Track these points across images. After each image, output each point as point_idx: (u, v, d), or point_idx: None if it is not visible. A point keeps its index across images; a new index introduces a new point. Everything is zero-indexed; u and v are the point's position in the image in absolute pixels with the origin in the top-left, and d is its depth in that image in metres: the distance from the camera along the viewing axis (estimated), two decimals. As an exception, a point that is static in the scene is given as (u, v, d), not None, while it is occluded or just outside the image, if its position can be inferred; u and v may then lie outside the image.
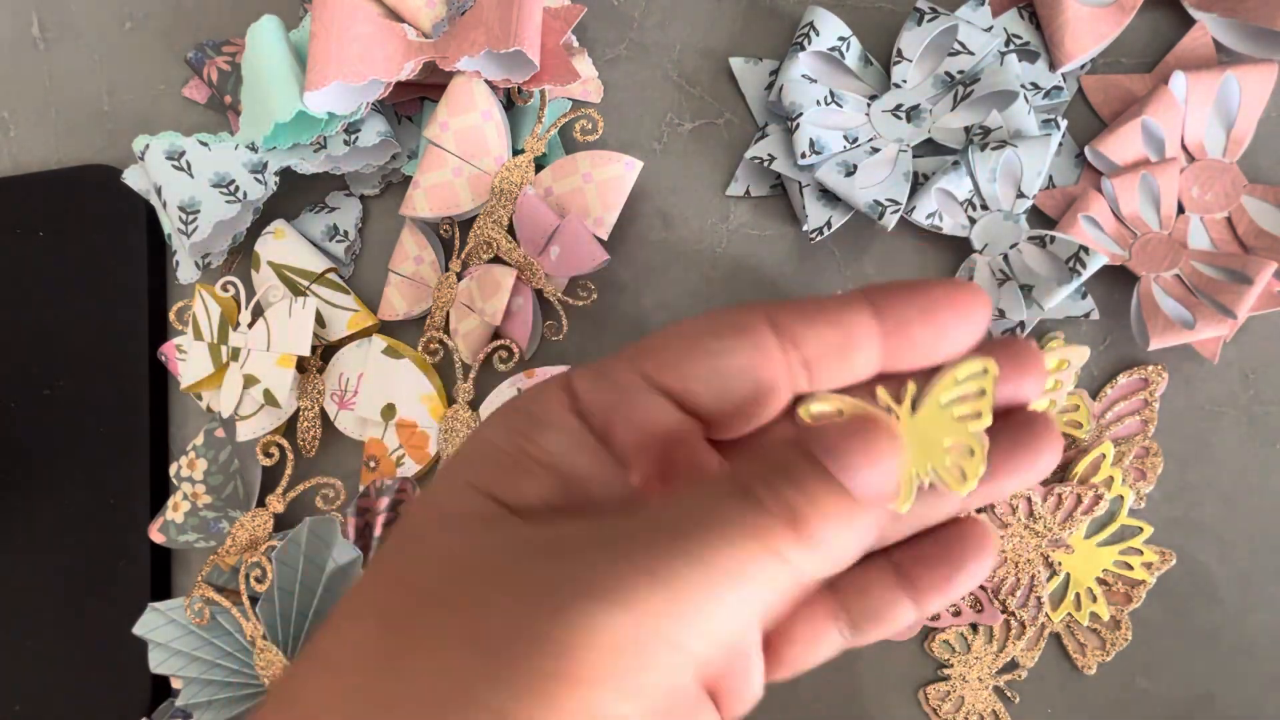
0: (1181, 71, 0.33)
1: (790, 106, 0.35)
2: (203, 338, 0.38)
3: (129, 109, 0.43)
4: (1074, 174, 0.35)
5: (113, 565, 0.40)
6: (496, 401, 0.37)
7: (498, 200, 0.37)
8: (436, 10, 0.36)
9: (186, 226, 0.37)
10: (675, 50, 0.39)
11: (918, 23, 0.35)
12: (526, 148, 0.38)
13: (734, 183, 0.38)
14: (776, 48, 0.38)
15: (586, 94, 0.39)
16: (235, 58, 0.41)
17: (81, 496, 0.40)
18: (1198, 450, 0.35)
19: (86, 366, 0.41)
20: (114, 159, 0.43)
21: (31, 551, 0.41)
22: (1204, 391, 0.35)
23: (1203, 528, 0.34)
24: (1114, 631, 0.34)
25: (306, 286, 0.39)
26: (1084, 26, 0.34)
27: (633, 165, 0.36)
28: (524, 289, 0.37)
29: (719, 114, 0.39)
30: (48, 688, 0.40)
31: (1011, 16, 0.36)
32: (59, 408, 0.41)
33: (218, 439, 0.38)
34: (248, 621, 0.36)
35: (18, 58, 0.45)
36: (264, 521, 0.38)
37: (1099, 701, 0.35)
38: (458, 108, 0.36)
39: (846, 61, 0.36)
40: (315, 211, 0.40)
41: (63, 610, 0.40)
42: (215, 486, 0.38)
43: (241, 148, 0.38)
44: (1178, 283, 0.33)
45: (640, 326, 0.38)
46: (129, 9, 0.44)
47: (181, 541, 0.38)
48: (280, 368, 0.37)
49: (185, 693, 0.37)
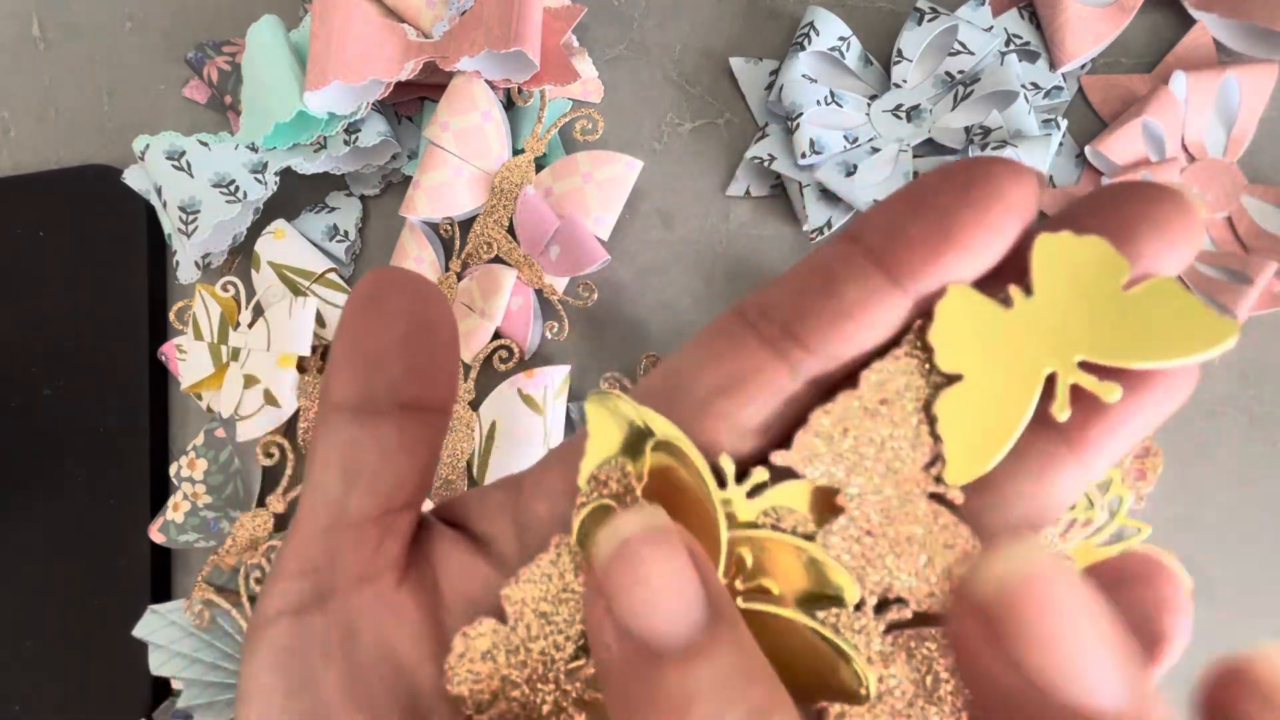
0: (1182, 71, 0.33)
1: (790, 106, 0.35)
2: (203, 338, 0.38)
3: (129, 109, 0.43)
4: (1074, 174, 0.35)
5: (113, 565, 0.40)
6: (497, 401, 0.37)
7: (498, 200, 0.37)
8: (436, 10, 0.36)
9: (186, 226, 0.37)
10: (675, 50, 0.39)
11: (918, 23, 0.35)
12: (526, 148, 0.37)
13: (734, 183, 0.38)
14: (776, 48, 0.38)
15: (586, 94, 0.39)
16: (235, 58, 0.41)
17: (81, 496, 0.40)
18: (1198, 450, 0.35)
19: (86, 366, 0.41)
20: (114, 159, 0.43)
21: (31, 551, 0.41)
22: (1204, 391, 0.35)
23: (1203, 528, 0.34)
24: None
25: (306, 286, 0.39)
26: (1084, 26, 0.34)
27: (633, 165, 0.36)
28: (524, 289, 0.37)
29: (719, 114, 0.39)
30: (48, 688, 0.40)
31: (1012, 16, 0.36)
32: (59, 408, 0.41)
33: (218, 439, 0.38)
34: (248, 623, 0.36)
35: (18, 58, 0.45)
36: (264, 521, 0.38)
37: (1099, 701, 0.35)
38: (458, 108, 0.36)
39: (846, 61, 0.36)
40: (315, 211, 0.40)
41: (63, 610, 0.40)
42: (215, 486, 0.38)
43: (241, 148, 0.38)
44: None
45: (640, 326, 0.38)
46: (129, 9, 0.44)
47: (181, 541, 0.38)
48: (280, 368, 0.37)
49: (186, 694, 0.37)
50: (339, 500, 0.17)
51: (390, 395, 0.17)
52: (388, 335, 0.17)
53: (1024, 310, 0.15)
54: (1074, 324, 0.14)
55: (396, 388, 0.17)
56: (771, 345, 0.16)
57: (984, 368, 0.15)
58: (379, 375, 0.17)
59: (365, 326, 0.17)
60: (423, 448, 0.18)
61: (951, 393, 0.15)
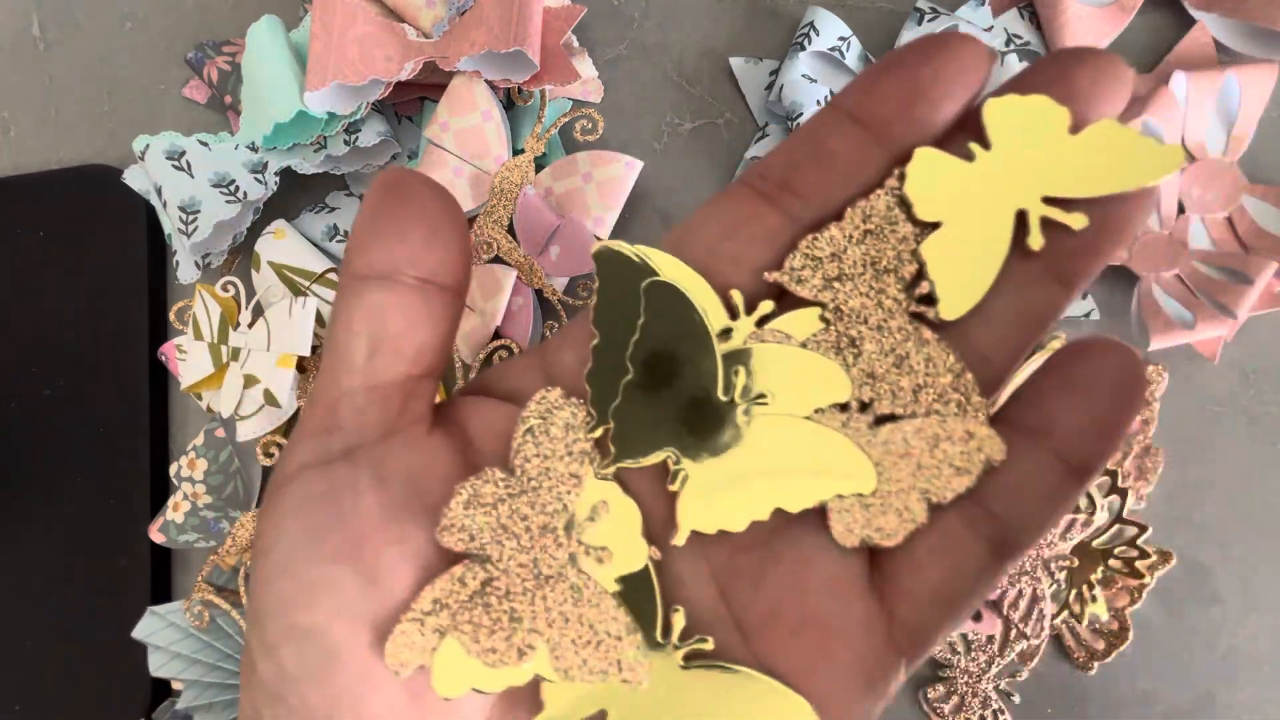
0: (1182, 71, 0.33)
1: (790, 106, 0.35)
2: (203, 338, 0.38)
3: (129, 109, 0.43)
4: (1074, 174, 0.35)
5: (113, 565, 0.40)
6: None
7: (498, 200, 0.37)
8: (436, 10, 0.36)
9: (186, 226, 0.37)
10: (675, 50, 0.39)
11: (918, 23, 0.35)
12: (526, 148, 0.37)
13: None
14: (776, 48, 0.38)
15: (586, 94, 0.39)
16: (235, 58, 0.41)
17: (81, 496, 0.40)
18: (1198, 450, 0.35)
19: (86, 366, 0.41)
20: (114, 159, 0.43)
21: (31, 551, 0.41)
22: (1204, 391, 0.35)
23: (1203, 528, 0.34)
24: (1114, 631, 0.35)
25: (307, 286, 0.39)
26: (1084, 26, 0.34)
27: (633, 165, 0.36)
28: (524, 289, 0.37)
29: (719, 114, 0.39)
30: (48, 688, 0.40)
31: (1011, 16, 0.36)
32: (59, 408, 0.41)
33: (218, 439, 0.38)
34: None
35: (18, 58, 0.45)
36: (264, 521, 0.38)
37: (1099, 701, 0.35)
38: (458, 108, 0.36)
39: (847, 61, 0.36)
40: (315, 211, 0.40)
41: (63, 610, 0.40)
42: (215, 486, 0.38)
43: (241, 148, 0.38)
44: (1178, 283, 0.33)
45: (640, 326, 0.38)
46: (129, 9, 0.44)
47: (181, 541, 0.38)
48: (280, 368, 0.37)
49: (186, 695, 0.37)
50: (363, 363, 0.18)
51: (412, 265, 0.18)
52: (409, 212, 0.18)
53: (986, 161, 0.17)
54: (1034, 167, 0.16)
55: (418, 259, 0.18)
56: (768, 198, 0.18)
57: (959, 214, 0.17)
58: (402, 246, 0.18)
59: (387, 204, 0.18)
60: (442, 321, 0.18)
61: (934, 239, 0.17)
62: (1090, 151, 0.16)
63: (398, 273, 0.18)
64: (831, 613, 0.17)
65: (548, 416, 0.18)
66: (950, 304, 0.17)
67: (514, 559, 0.17)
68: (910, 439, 0.17)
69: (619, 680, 0.17)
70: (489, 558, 0.17)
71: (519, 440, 0.18)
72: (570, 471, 0.17)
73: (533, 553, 0.17)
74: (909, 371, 0.17)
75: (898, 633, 0.17)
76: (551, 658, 0.17)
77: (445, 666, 0.16)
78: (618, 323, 0.18)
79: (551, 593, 0.17)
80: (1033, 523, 0.16)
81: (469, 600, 0.17)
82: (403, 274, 0.18)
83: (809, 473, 0.17)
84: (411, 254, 0.18)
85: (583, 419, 0.18)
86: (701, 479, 0.17)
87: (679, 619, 0.17)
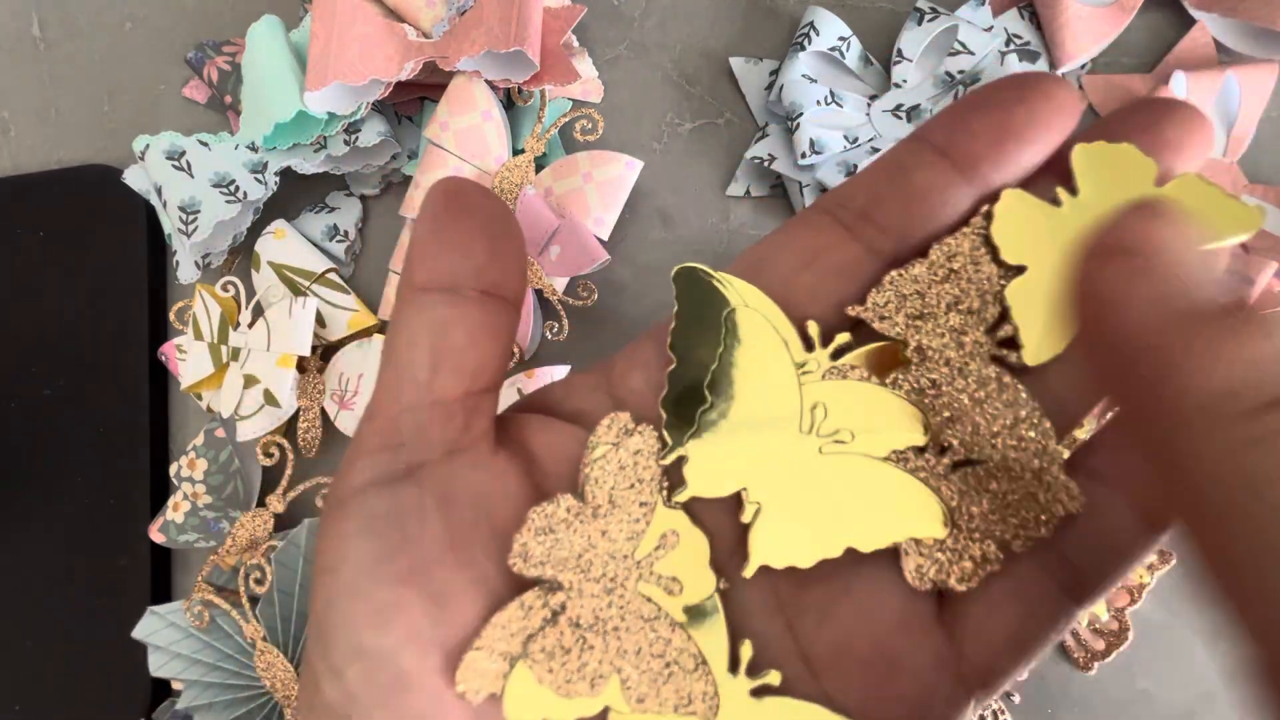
0: (1181, 71, 0.33)
1: (790, 106, 0.35)
2: (203, 338, 0.38)
3: (129, 109, 0.43)
4: (1074, 174, 0.35)
5: (113, 565, 0.40)
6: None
7: (498, 200, 0.37)
8: (436, 10, 0.36)
9: (186, 226, 0.37)
10: (675, 50, 0.39)
11: (918, 23, 0.35)
12: (526, 148, 0.37)
13: (734, 183, 0.38)
14: (776, 48, 0.38)
15: (586, 94, 0.39)
16: (235, 58, 0.41)
17: (81, 496, 0.40)
18: (1198, 450, 0.35)
19: (86, 366, 0.41)
20: (114, 159, 0.43)
21: (31, 551, 0.41)
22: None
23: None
24: (1114, 631, 0.35)
25: (306, 286, 0.39)
26: (1084, 26, 0.34)
27: (633, 165, 0.36)
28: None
29: (719, 114, 0.39)
30: (48, 688, 0.40)
31: (1011, 16, 0.36)
32: (59, 408, 0.41)
33: (218, 439, 0.38)
34: (248, 624, 0.36)
35: (18, 58, 0.45)
36: (264, 521, 0.38)
37: (1099, 701, 0.35)
38: (458, 108, 0.36)
39: (846, 61, 0.36)
40: (315, 211, 0.40)
41: (63, 610, 0.40)
42: (215, 486, 0.38)
43: (241, 148, 0.38)
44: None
45: (640, 326, 0.38)
46: (129, 9, 0.44)
47: (181, 541, 0.38)
48: (280, 368, 0.37)
49: (186, 695, 0.37)
50: (426, 378, 0.17)
51: (475, 279, 0.17)
52: (471, 224, 0.18)
53: (1073, 207, 0.16)
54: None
55: (481, 272, 0.17)
56: (848, 228, 0.18)
57: (1044, 259, 0.17)
58: (465, 259, 0.17)
59: (449, 215, 0.18)
60: (503, 335, 0.18)
61: (1018, 283, 0.17)
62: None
63: (461, 285, 0.17)
64: (901, 649, 0.17)
65: (619, 442, 0.17)
66: (1034, 350, 0.17)
67: (585, 588, 0.17)
68: (987, 485, 0.17)
69: (687, 714, 0.16)
70: (560, 585, 0.17)
71: (590, 467, 0.17)
72: (641, 500, 0.17)
73: (603, 581, 0.17)
74: (988, 416, 0.17)
75: (967, 671, 0.17)
76: (623, 688, 0.17)
77: (517, 695, 0.16)
78: (697, 349, 0.17)
79: (623, 622, 0.17)
80: (1108, 570, 0.16)
81: (540, 629, 0.16)
82: (465, 287, 0.17)
83: (883, 514, 0.17)
84: (475, 267, 0.17)
85: (653, 445, 0.17)
86: (775, 514, 0.17)
87: (746, 650, 0.17)
